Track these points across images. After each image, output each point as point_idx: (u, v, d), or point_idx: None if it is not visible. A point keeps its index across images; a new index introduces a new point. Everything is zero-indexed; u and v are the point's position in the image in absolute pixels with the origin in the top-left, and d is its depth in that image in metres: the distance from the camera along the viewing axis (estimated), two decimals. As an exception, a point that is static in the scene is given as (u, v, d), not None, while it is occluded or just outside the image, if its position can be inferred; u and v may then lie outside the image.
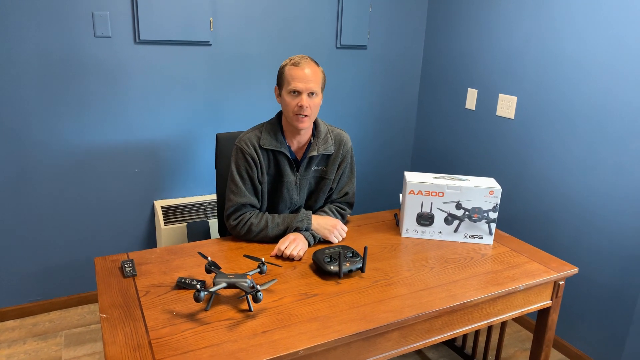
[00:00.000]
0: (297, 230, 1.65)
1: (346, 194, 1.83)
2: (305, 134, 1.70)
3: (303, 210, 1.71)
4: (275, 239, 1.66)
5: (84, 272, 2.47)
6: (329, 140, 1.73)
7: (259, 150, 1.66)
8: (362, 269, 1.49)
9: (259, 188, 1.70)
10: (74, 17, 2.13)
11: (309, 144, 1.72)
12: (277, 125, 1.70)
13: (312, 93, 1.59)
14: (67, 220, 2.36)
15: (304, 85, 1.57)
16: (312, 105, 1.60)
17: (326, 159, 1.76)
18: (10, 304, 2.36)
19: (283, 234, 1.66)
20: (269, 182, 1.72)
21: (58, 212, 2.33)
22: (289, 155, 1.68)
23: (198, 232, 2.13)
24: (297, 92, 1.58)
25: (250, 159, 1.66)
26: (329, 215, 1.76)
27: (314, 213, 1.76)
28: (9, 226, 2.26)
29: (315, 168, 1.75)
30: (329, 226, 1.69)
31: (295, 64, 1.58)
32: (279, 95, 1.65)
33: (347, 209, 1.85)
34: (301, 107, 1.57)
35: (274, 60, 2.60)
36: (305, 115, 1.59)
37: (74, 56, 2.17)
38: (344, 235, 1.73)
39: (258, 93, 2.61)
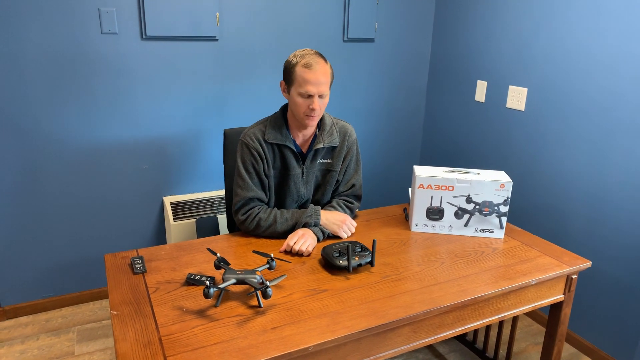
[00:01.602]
0: (306, 225, 1.65)
1: (353, 185, 1.83)
2: (310, 127, 1.70)
3: (312, 205, 1.70)
4: (284, 235, 1.66)
5: (94, 268, 2.49)
6: (334, 132, 1.74)
7: (264, 144, 1.66)
8: (371, 263, 1.48)
9: (266, 182, 1.70)
10: (80, 14, 2.13)
11: (314, 137, 1.72)
12: (282, 119, 1.69)
13: (322, 95, 1.59)
14: (77, 217, 2.38)
15: (316, 89, 1.55)
16: (322, 105, 1.61)
17: (331, 151, 1.76)
18: (23, 300, 2.39)
19: (292, 229, 1.65)
20: (275, 176, 1.72)
21: (68, 209, 2.35)
22: (295, 149, 1.68)
23: (207, 228, 2.13)
24: (310, 96, 1.57)
25: (255, 153, 1.66)
26: (337, 210, 1.75)
27: (322, 208, 1.76)
28: (20, 223, 2.27)
29: (321, 161, 1.75)
30: (338, 221, 1.68)
31: (307, 66, 1.55)
32: (287, 92, 1.64)
33: (355, 202, 1.84)
34: (313, 109, 1.58)
35: (281, 55, 2.59)
36: (316, 115, 1.61)
37: (81, 53, 2.18)
38: (353, 230, 1.72)
39: (265, 88, 2.60)
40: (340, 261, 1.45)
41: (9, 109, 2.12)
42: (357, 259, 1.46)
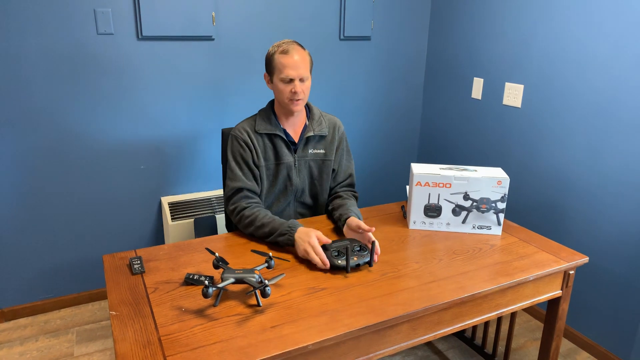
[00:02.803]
0: (278, 243, 1.58)
1: (350, 175, 1.90)
2: (299, 116, 1.77)
3: (293, 221, 1.59)
4: (261, 239, 1.63)
5: (93, 269, 2.49)
6: (322, 122, 1.81)
7: (252, 135, 1.72)
8: (369, 263, 1.49)
9: (257, 172, 1.73)
10: (76, 15, 2.12)
11: (304, 127, 1.78)
12: (270, 110, 1.77)
13: (302, 78, 1.64)
14: (75, 218, 2.37)
15: (295, 72, 1.62)
16: (305, 89, 1.66)
17: (322, 140, 1.81)
18: (22, 302, 2.38)
19: (268, 236, 1.59)
20: (268, 166, 1.75)
21: (66, 210, 2.34)
22: (285, 137, 1.74)
23: (205, 227, 2.13)
24: (290, 80, 1.63)
25: (243, 144, 1.71)
26: (350, 200, 1.78)
27: (328, 202, 1.85)
28: (18, 225, 2.27)
29: (314, 151, 1.80)
30: (306, 245, 1.50)
31: (284, 52, 1.63)
32: (270, 82, 1.70)
33: (355, 191, 1.93)
34: (295, 93, 1.64)
35: (277, 54, 2.58)
36: (299, 99, 1.66)
37: (77, 54, 2.17)
38: (317, 260, 1.47)
39: (262, 86, 2.60)
40: (339, 261, 1.45)
41: (6, 110, 2.11)
42: (355, 258, 1.46)
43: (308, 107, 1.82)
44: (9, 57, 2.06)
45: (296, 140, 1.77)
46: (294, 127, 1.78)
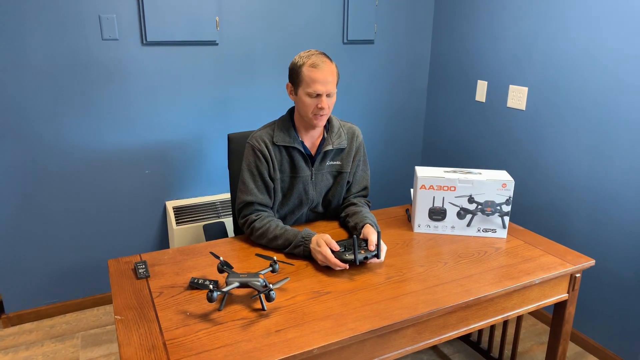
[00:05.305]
0: (293, 255, 1.58)
1: (365, 187, 1.86)
2: (319, 129, 1.71)
3: (306, 230, 1.58)
4: (275, 250, 1.62)
5: (98, 273, 2.50)
6: (342, 134, 1.75)
7: (270, 147, 1.67)
8: (377, 256, 1.48)
9: (271, 185, 1.69)
10: (81, 21, 2.14)
11: (323, 139, 1.73)
12: (289, 121, 1.71)
13: (329, 94, 1.60)
14: (80, 223, 2.38)
15: (324, 88, 1.57)
16: (330, 104, 1.62)
17: (340, 153, 1.77)
18: (27, 307, 2.39)
19: (283, 247, 1.59)
20: (283, 179, 1.72)
21: (71, 215, 2.35)
22: (303, 151, 1.69)
23: (216, 233, 2.10)
24: (318, 95, 1.58)
25: (260, 155, 1.66)
26: (363, 208, 1.74)
27: (341, 209, 1.80)
28: (24, 230, 2.28)
29: (330, 163, 1.76)
30: (320, 256, 1.51)
31: (314, 66, 1.56)
32: (294, 93, 1.64)
33: (369, 200, 1.89)
34: (321, 108, 1.59)
35: (281, 58, 2.59)
36: (323, 115, 1.62)
37: (82, 59, 2.18)
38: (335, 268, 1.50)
39: (267, 91, 2.61)
40: (347, 255, 1.45)
41: (11, 116, 2.13)
42: (362, 252, 1.46)
43: (328, 119, 1.75)
44: (13, 63, 2.08)
45: (313, 153, 1.72)
46: (312, 139, 1.72)
